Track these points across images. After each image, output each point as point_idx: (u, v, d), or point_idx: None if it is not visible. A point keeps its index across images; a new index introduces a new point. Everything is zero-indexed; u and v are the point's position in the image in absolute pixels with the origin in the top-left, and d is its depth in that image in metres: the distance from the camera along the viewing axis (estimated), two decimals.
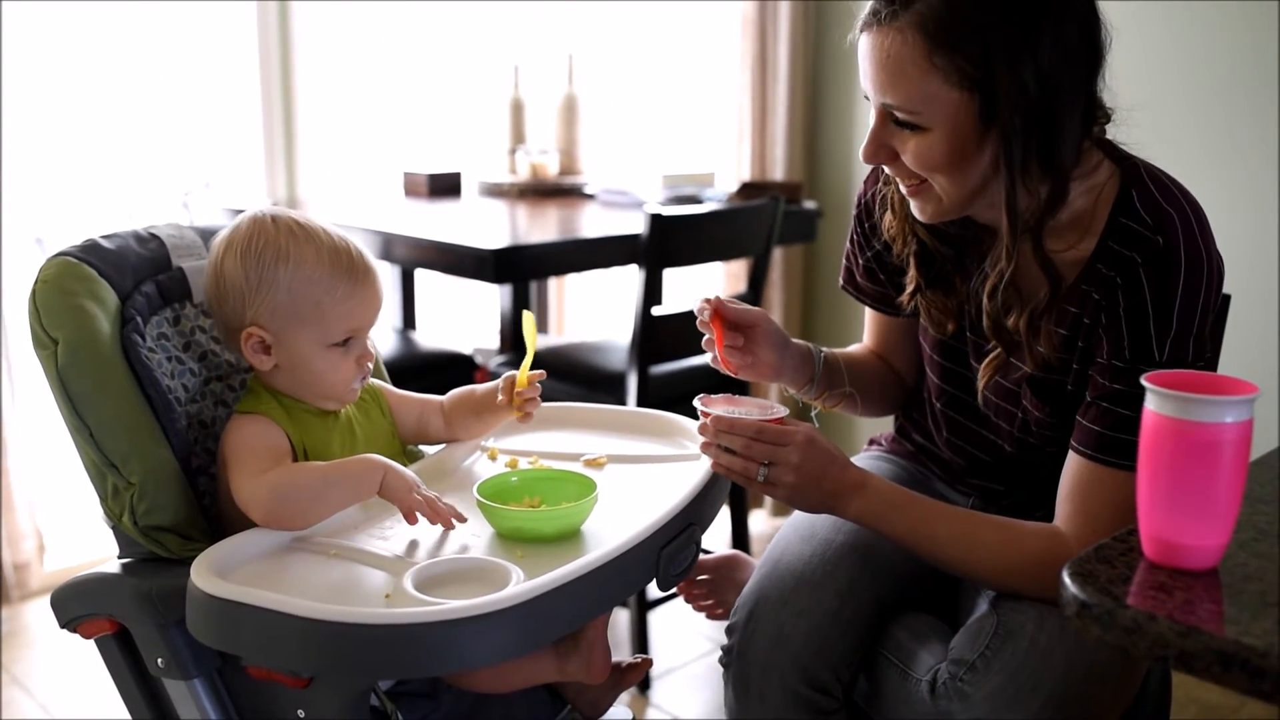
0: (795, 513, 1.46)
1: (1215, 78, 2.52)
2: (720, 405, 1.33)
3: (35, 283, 1.25)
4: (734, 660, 1.36)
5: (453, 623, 1.01)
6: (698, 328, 1.40)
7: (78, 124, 3.00)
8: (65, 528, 2.95)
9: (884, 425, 1.69)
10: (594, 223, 2.81)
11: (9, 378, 2.72)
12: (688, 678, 2.52)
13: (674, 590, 1.72)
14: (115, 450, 1.22)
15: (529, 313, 1.41)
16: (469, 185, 3.26)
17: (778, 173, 3.25)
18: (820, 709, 1.31)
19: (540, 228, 2.77)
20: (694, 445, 1.41)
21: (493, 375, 2.56)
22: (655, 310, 2.38)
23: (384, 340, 2.91)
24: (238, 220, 1.29)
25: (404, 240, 2.54)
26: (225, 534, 1.20)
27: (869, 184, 1.50)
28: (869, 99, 1.28)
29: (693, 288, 3.24)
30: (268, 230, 1.26)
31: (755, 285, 2.67)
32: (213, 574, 1.09)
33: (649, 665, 1.45)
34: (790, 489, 1.28)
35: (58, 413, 1.24)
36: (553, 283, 3.59)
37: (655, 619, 2.65)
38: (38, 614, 2.75)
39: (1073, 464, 1.28)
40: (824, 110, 3.32)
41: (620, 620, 2.58)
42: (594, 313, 3.76)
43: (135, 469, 1.22)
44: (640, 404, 2.38)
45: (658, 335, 2.39)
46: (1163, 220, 1.22)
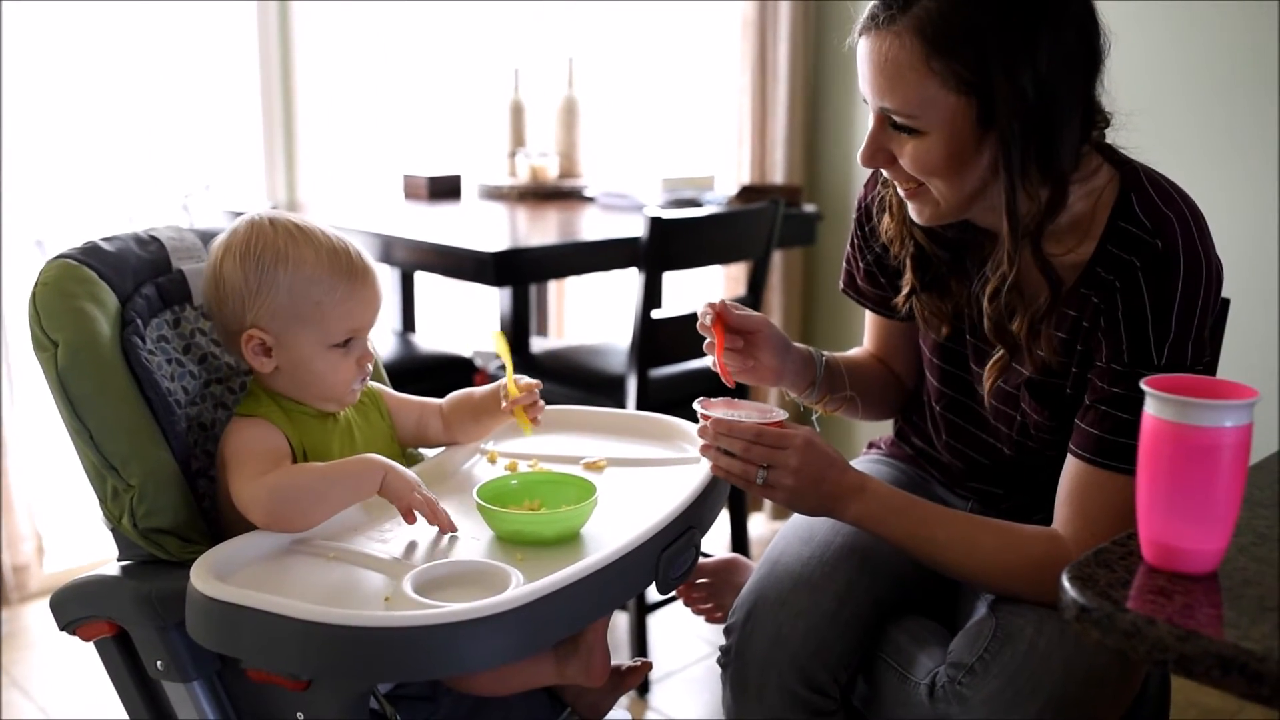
0: (794, 515, 1.46)
1: (1215, 80, 2.52)
2: (720, 408, 1.33)
3: (35, 285, 1.25)
4: (732, 660, 1.36)
5: (452, 626, 1.01)
6: (699, 331, 1.40)
7: (78, 126, 3.00)
8: (65, 530, 2.95)
9: (883, 429, 1.69)
10: (594, 226, 2.81)
11: (9, 380, 2.72)
12: (687, 681, 2.52)
13: (673, 593, 1.72)
14: (115, 452, 1.22)
15: (497, 331, 1.42)
16: (469, 188, 3.26)
17: (777, 176, 3.25)
18: (818, 710, 1.31)
19: (540, 231, 2.77)
20: (693, 449, 1.42)
21: (492, 378, 2.57)
22: (655, 313, 2.38)
23: (384, 343, 2.91)
24: (235, 224, 1.29)
25: (404, 243, 2.54)
26: (225, 536, 1.20)
27: (869, 187, 1.50)
28: (867, 102, 1.28)
29: (692, 291, 3.24)
30: (266, 233, 1.26)
31: (755, 288, 2.67)
32: (212, 576, 1.09)
33: (648, 668, 1.45)
34: (789, 492, 1.28)
35: (57, 415, 1.24)
36: (552, 286, 3.60)
37: (655, 622, 2.65)
38: (37, 616, 2.74)
39: (1071, 467, 1.28)
40: (824, 113, 3.32)
41: (620, 623, 2.58)
42: (593, 316, 3.76)
43: (135, 471, 1.22)
44: (640, 407, 2.38)
45: (657, 338, 2.39)
46: (1162, 224, 1.22)
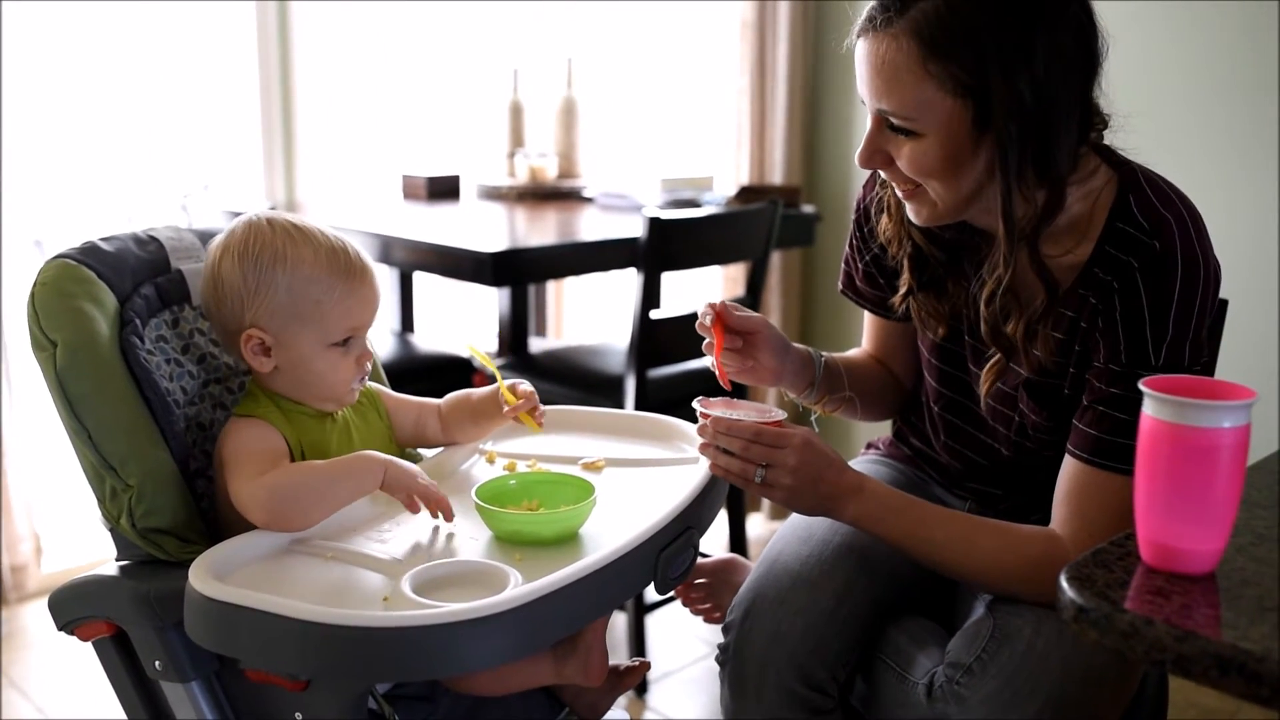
0: (793, 515, 1.46)
1: (1214, 81, 2.52)
2: (719, 408, 1.33)
3: (34, 285, 1.25)
4: (730, 658, 1.36)
5: (451, 626, 1.01)
6: (698, 331, 1.40)
7: (77, 126, 3.00)
8: (63, 530, 2.95)
9: (881, 429, 1.69)
10: (592, 226, 2.81)
11: (7, 380, 2.72)
12: (685, 681, 2.52)
13: (672, 594, 1.72)
14: (114, 452, 1.22)
15: (470, 344, 1.44)
16: (467, 188, 3.26)
17: (776, 176, 3.25)
18: (815, 708, 1.31)
19: (539, 231, 2.77)
20: (692, 449, 1.42)
21: (490, 379, 2.57)
22: (653, 314, 2.38)
23: (382, 343, 2.91)
24: (232, 225, 1.29)
25: (402, 243, 2.54)
26: (223, 537, 1.20)
27: (868, 188, 1.50)
28: (865, 104, 1.28)
29: (691, 291, 3.24)
30: (264, 233, 1.26)
31: (753, 289, 2.67)
32: (211, 576, 1.09)
33: (647, 668, 1.46)
34: (787, 491, 1.28)
35: (56, 415, 1.24)
36: (551, 286, 3.59)
37: (653, 622, 2.65)
38: (35, 616, 2.74)
39: (1069, 468, 1.28)
40: (823, 114, 3.32)
41: (618, 623, 2.58)
42: (592, 316, 3.76)
43: (133, 471, 1.22)
44: (638, 407, 2.38)
45: (656, 339, 2.39)
46: (1159, 225, 1.23)
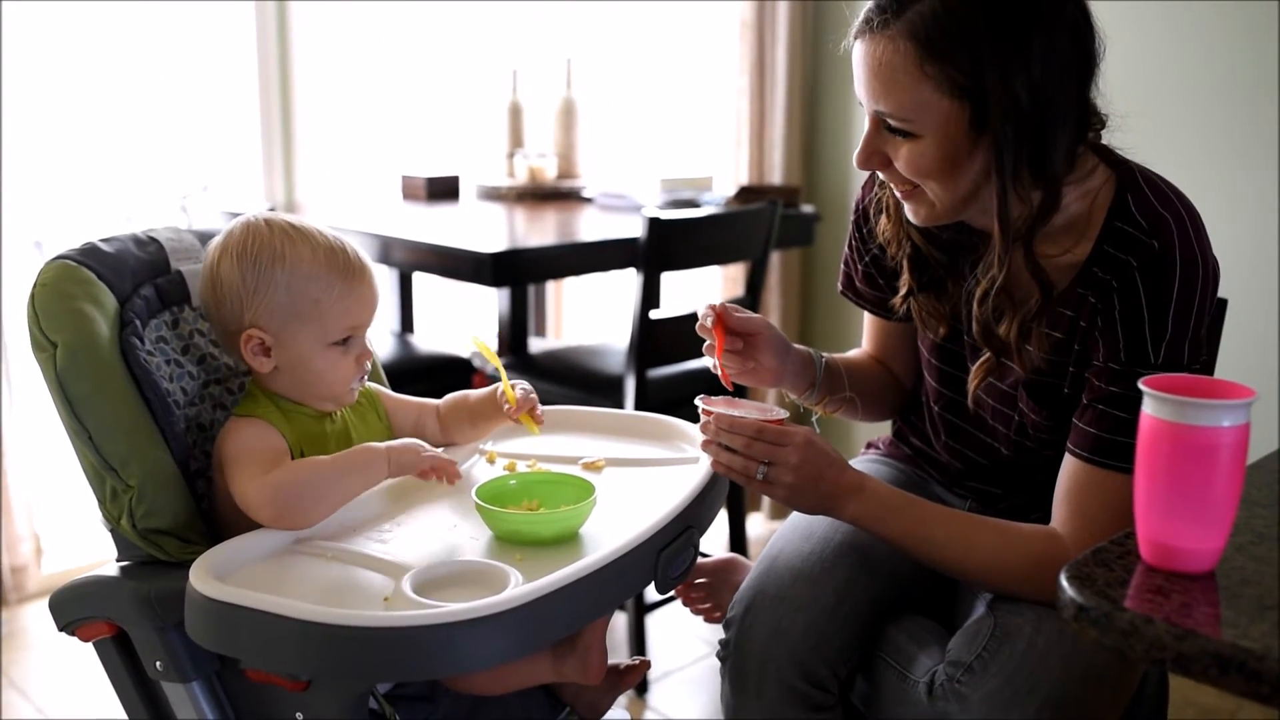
0: (793, 513, 1.46)
1: (1213, 81, 2.53)
2: (721, 406, 1.33)
3: (34, 286, 1.25)
4: (731, 654, 1.36)
5: (451, 626, 1.01)
6: (699, 332, 1.40)
7: (77, 127, 3.00)
8: (63, 530, 2.95)
9: (881, 429, 1.70)
10: (592, 226, 2.81)
11: (7, 381, 2.72)
12: (685, 680, 2.52)
13: (672, 593, 1.72)
14: (114, 453, 1.22)
15: (477, 337, 1.44)
16: (467, 189, 3.26)
17: (775, 177, 3.25)
18: (816, 704, 1.31)
19: (538, 231, 2.77)
20: (692, 448, 1.42)
21: (490, 380, 2.57)
22: (653, 314, 2.38)
23: (382, 343, 2.91)
24: (230, 225, 1.29)
25: (402, 244, 2.54)
26: (223, 537, 1.20)
27: (867, 189, 1.50)
28: (863, 105, 1.28)
29: (691, 292, 3.24)
30: (262, 233, 1.26)
31: (753, 289, 2.67)
32: (211, 577, 1.09)
33: (647, 667, 1.46)
34: (788, 489, 1.28)
35: (56, 416, 1.24)
36: (551, 286, 3.60)
37: (653, 622, 2.65)
38: (36, 617, 2.74)
39: (1069, 466, 1.28)
40: (822, 114, 3.32)
41: (618, 623, 2.58)
42: (592, 316, 3.76)
43: (134, 472, 1.22)
44: (638, 407, 2.38)
45: (656, 339, 2.39)
46: (1158, 224, 1.23)
